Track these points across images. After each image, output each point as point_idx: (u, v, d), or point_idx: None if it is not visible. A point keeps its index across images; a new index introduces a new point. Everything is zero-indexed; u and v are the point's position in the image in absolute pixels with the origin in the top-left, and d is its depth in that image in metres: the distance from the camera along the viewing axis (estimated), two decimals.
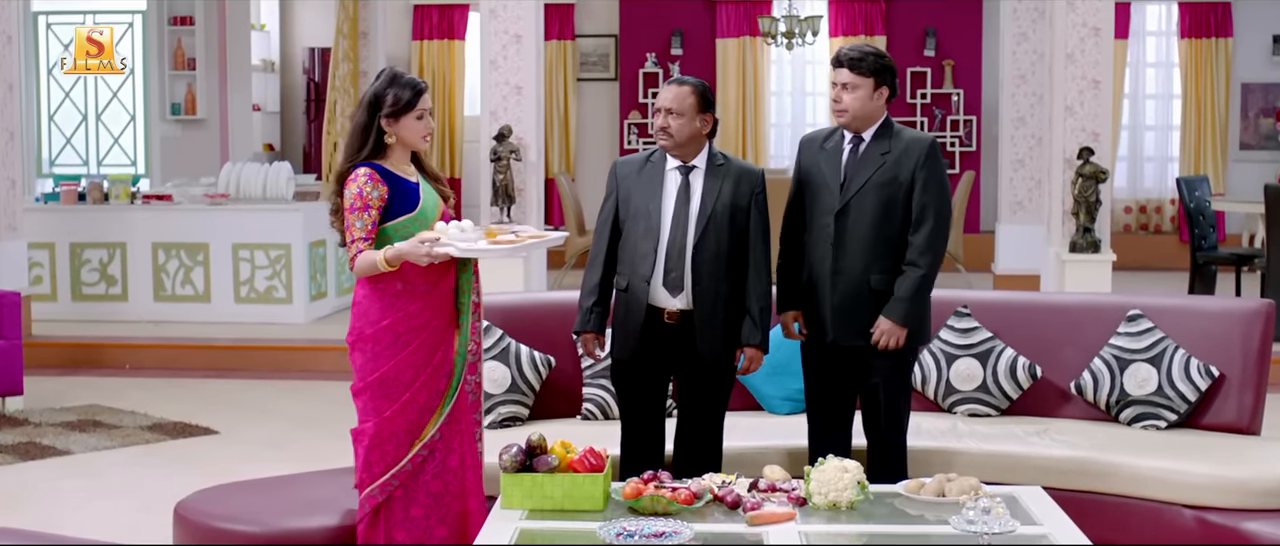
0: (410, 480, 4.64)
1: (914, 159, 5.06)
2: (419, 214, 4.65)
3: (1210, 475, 5.14)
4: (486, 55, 9.73)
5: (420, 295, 4.61)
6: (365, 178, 4.58)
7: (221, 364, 9.91)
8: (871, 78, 5.07)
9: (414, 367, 4.61)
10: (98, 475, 7.00)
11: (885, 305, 5.04)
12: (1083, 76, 9.30)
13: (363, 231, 4.56)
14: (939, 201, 5.07)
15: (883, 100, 5.11)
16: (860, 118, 5.09)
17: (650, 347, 5.08)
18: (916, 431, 5.57)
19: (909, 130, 5.20)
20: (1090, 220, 9.21)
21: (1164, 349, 5.75)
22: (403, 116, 4.64)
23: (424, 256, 4.49)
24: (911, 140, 5.12)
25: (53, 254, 11.08)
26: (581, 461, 4.42)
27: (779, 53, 15.01)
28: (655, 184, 5.10)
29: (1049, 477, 5.27)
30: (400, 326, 4.60)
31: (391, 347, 4.60)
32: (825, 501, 4.36)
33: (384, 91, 4.65)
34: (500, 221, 9.42)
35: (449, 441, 4.68)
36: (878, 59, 5.08)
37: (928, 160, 5.07)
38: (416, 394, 4.62)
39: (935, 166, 5.08)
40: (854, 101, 5.06)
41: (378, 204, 4.58)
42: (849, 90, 5.07)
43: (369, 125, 4.66)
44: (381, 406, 4.62)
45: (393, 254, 4.51)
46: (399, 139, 4.66)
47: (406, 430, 4.63)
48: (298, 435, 7.85)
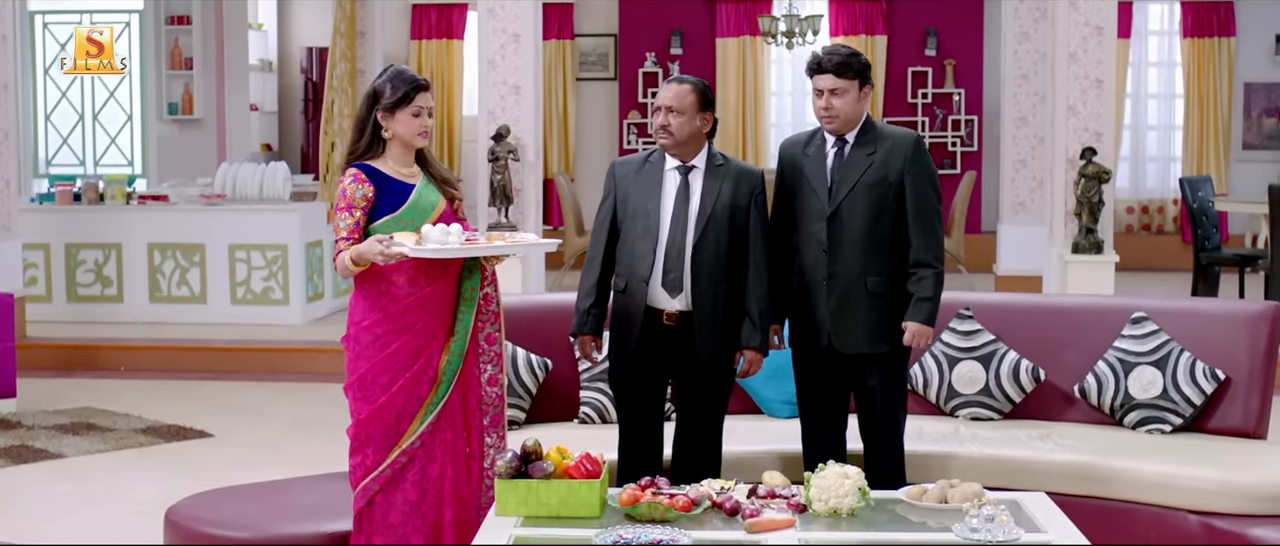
0: (390, 486, 4.58)
1: (902, 156, 5.00)
2: (403, 213, 4.58)
3: (1216, 480, 5.07)
4: (484, 54, 9.66)
5: (401, 297, 4.55)
6: (350, 178, 4.56)
7: (217, 366, 9.84)
8: (856, 79, 5.01)
9: (392, 371, 4.55)
10: (90, 479, 6.92)
11: (884, 306, 4.97)
12: (1085, 76, 9.23)
13: (345, 230, 4.54)
14: (933, 197, 5.03)
15: (867, 100, 5.07)
16: (850, 121, 5.03)
17: (648, 350, 5.02)
18: (918, 435, 5.51)
19: (891, 127, 5.15)
20: (1093, 221, 9.14)
21: (1169, 352, 5.67)
22: (398, 111, 4.59)
23: (378, 255, 4.45)
24: (896, 138, 5.06)
25: (48, 255, 11.00)
26: (577, 467, 4.34)
27: (779, 52, 14.95)
28: (654, 184, 5.04)
29: (1052, 482, 5.20)
30: (379, 327, 4.55)
31: (370, 348, 4.55)
32: (825, 508, 4.29)
33: (382, 85, 4.61)
34: (498, 223, 9.35)
35: (431, 450, 4.61)
36: (859, 59, 5.04)
37: (915, 155, 5.02)
38: (393, 398, 4.55)
39: (923, 161, 5.04)
40: (844, 106, 4.99)
41: (362, 203, 4.54)
42: (838, 95, 4.99)
43: (366, 120, 4.62)
44: (359, 407, 4.59)
45: (355, 253, 4.49)
46: (394, 134, 4.60)
47: (383, 434, 4.57)
48: (293, 438, 7.77)
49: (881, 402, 5.05)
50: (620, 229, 5.08)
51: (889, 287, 4.99)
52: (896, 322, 4.99)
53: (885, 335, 5.00)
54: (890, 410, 5.08)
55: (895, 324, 4.99)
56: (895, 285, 5.01)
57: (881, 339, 5.01)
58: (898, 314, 4.99)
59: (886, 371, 5.04)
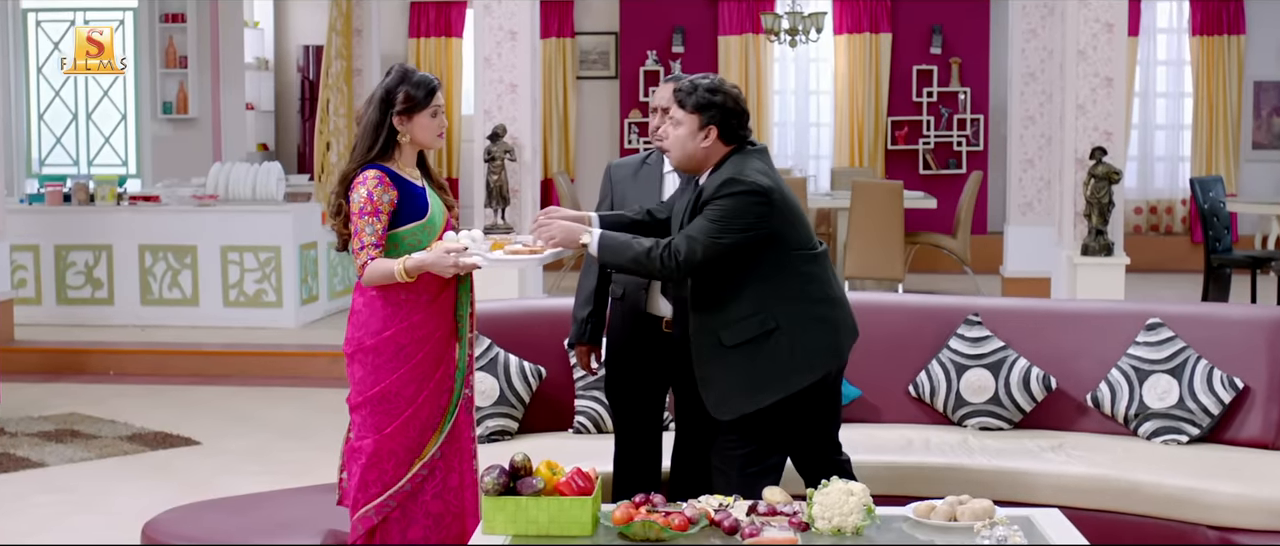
0: (408, 500, 4.38)
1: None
2: (429, 220, 4.40)
3: (1236, 494, 4.89)
4: (480, 52, 9.47)
5: (423, 305, 4.35)
6: (375, 180, 4.32)
7: (208, 370, 9.64)
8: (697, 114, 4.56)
9: (417, 382, 4.35)
10: (70, 489, 6.73)
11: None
12: (1095, 74, 9.02)
13: (373, 237, 4.30)
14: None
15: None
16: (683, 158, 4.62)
17: (646, 358, 4.86)
18: (924, 446, 5.36)
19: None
20: (1103, 222, 8.93)
21: (1185, 359, 5.48)
22: (417, 114, 4.38)
23: (450, 267, 4.23)
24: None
25: (37, 256, 10.81)
26: (568, 483, 4.13)
27: (782, 50, 14.77)
28: (652, 186, 4.89)
29: (1065, 496, 5.02)
30: (403, 338, 4.33)
31: (393, 361, 4.33)
32: (829, 526, 4.08)
33: (396, 88, 4.39)
34: (495, 225, 9.16)
35: (450, 460, 4.43)
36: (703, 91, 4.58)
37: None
38: (418, 410, 4.36)
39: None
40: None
41: (388, 208, 4.32)
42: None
43: (381, 123, 4.38)
44: (381, 423, 4.35)
45: (413, 264, 4.25)
46: (413, 138, 4.40)
47: (407, 448, 4.36)
48: (282, 446, 7.57)
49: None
50: None
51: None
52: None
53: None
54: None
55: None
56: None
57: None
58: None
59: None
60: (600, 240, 4.45)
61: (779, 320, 4.43)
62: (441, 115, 4.44)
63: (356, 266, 4.36)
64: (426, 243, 4.36)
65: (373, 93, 4.44)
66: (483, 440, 5.49)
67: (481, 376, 5.53)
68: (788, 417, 4.53)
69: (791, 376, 4.45)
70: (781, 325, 4.43)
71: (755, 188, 4.39)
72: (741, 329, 4.42)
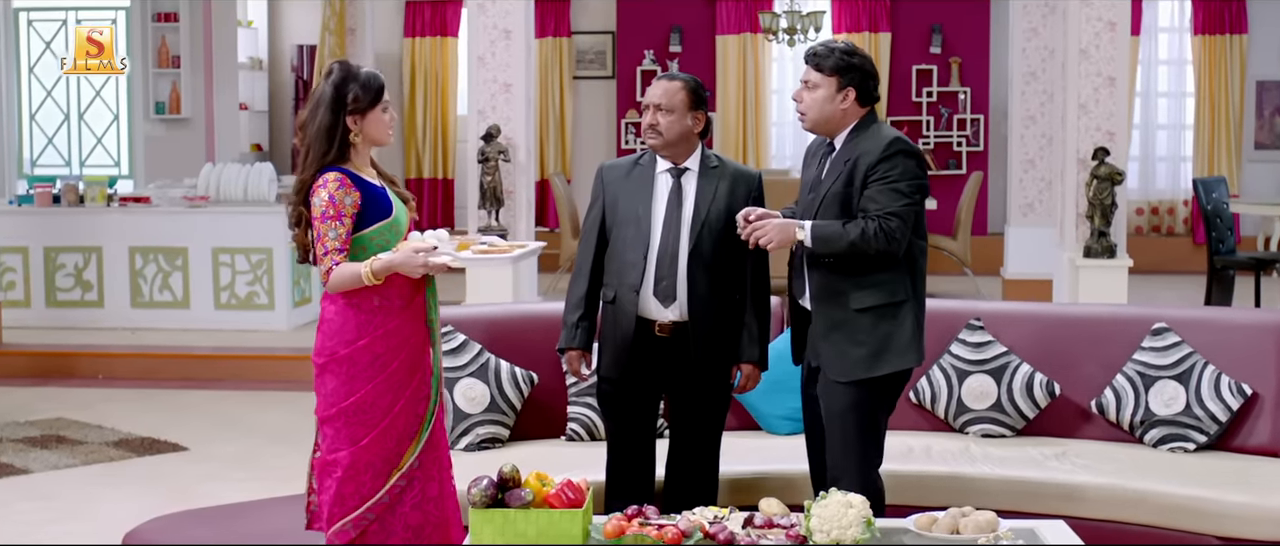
0: (387, 513, 4.24)
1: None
2: (394, 220, 4.27)
3: (1245, 504, 4.78)
4: (474, 51, 9.35)
5: (397, 311, 4.22)
6: (335, 182, 4.18)
7: (198, 373, 9.51)
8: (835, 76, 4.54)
9: (393, 391, 4.22)
10: (54, 497, 6.60)
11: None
12: (1097, 73, 8.91)
13: (337, 241, 4.17)
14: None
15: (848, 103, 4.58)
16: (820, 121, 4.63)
17: (640, 363, 4.73)
18: (925, 454, 5.23)
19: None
20: (1105, 224, 8.82)
21: (1192, 365, 5.36)
22: (369, 111, 4.26)
23: (419, 267, 4.11)
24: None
25: (26, 258, 10.68)
26: (558, 495, 4.01)
27: (781, 50, 14.64)
28: (645, 188, 4.75)
29: (1069, 505, 4.90)
30: (378, 346, 4.20)
31: (369, 370, 4.20)
32: (827, 539, 3.96)
33: (345, 86, 4.25)
34: (489, 226, 9.04)
35: (428, 469, 4.30)
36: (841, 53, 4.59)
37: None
38: (395, 420, 4.22)
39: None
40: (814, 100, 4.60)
41: (351, 211, 4.18)
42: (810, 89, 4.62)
43: (335, 125, 4.24)
44: (357, 434, 4.21)
45: (381, 266, 4.12)
46: (366, 136, 4.28)
47: (384, 459, 4.23)
48: (270, 452, 7.44)
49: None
50: (609, 236, 4.77)
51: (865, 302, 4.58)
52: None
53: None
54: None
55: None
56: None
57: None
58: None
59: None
60: (814, 231, 4.45)
61: (906, 293, 4.50)
62: (391, 110, 4.33)
63: (320, 273, 4.22)
64: (393, 243, 4.23)
65: (316, 95, 4.28)
66: (473, 448, 5.37)
67: (471, 382, 5.41)
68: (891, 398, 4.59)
69: (908, 352, 4.50)
70: (908, 299, 4.50)
71: (917, 149, 4.52)
72: (872, 294, 4.46)
